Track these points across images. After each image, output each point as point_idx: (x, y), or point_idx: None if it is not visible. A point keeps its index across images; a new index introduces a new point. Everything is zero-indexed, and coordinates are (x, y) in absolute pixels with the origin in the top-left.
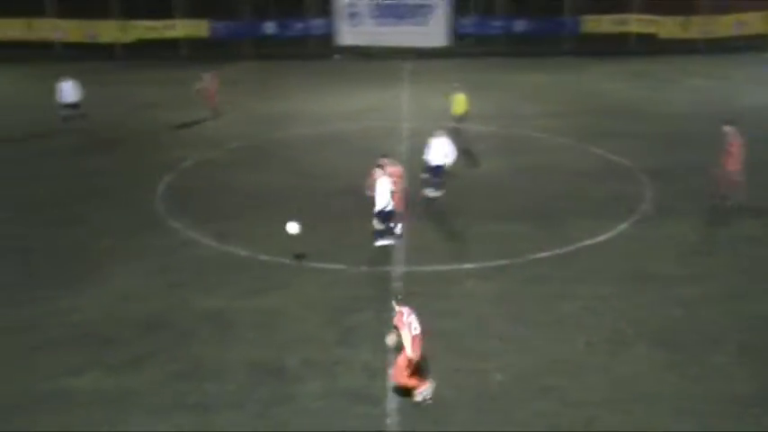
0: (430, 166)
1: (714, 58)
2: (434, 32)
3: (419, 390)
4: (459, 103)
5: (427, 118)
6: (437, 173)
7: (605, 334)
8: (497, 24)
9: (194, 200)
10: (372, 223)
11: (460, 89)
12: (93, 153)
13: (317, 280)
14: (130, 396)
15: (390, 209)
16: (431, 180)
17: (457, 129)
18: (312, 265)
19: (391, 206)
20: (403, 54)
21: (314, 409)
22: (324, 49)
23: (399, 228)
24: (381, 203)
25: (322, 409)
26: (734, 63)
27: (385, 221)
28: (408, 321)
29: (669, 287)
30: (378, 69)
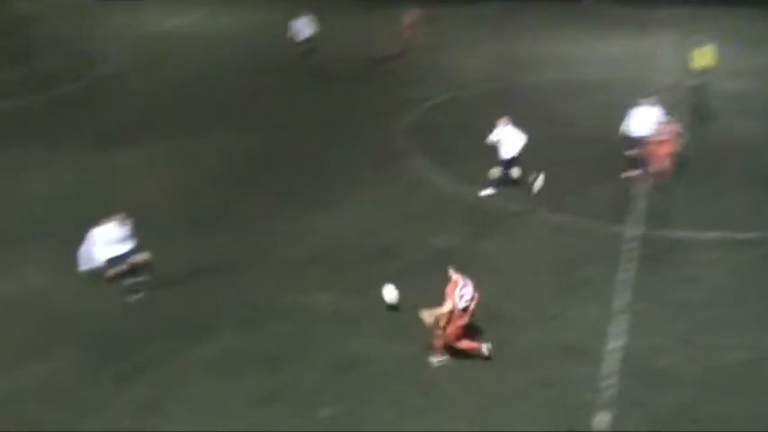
0: (630, 138)
1: None
2: None
3: (436, 357)
4: (703, 57)
5: (682, 72)
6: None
7: None
8: None
9: (435, 139)
10: (492, 171)
11: (707, 40)
12: (337, 87)
13: (548, 230)
14: (362, 318)
15: (511, 158)
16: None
17: (700, 85)
18: (545, 215)
19: (513, 155)
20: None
21: (527, 359)
22: None
23: (540, 179)
24: (507, 152)
25: (536, 360)
26: None
27: (505, 170)
28: (460, 294)
29: None
30: (630, 16)
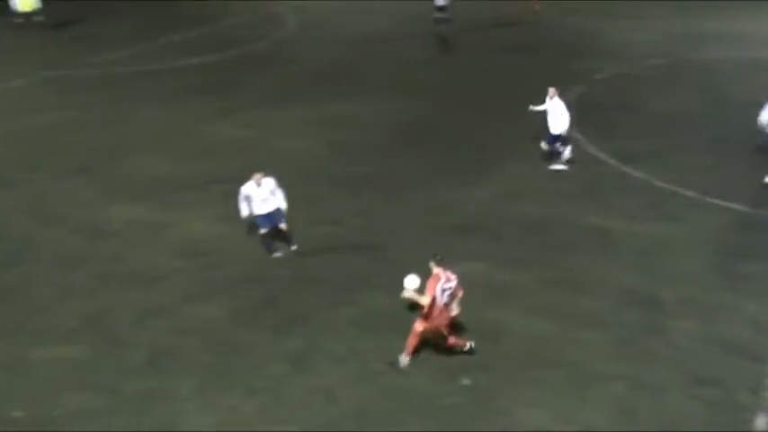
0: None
1: None
2: None
3: (405, 357)
4: None
5: None
6: None
7: None
8: None
9: (600, 114)
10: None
11: None
12: (501, 57)
13: (713, 217)
14: (510, 290)
15: (559, 133)
16: None
17: None
18: (710, 201)
19: (559, 132)
20: None
21: (684, 348)
22: None
23: (568, 151)
24: (553, 127)
25: (692, 351)
26: None
27: (550, 144)
28: (442, 288)
29: None
30: None
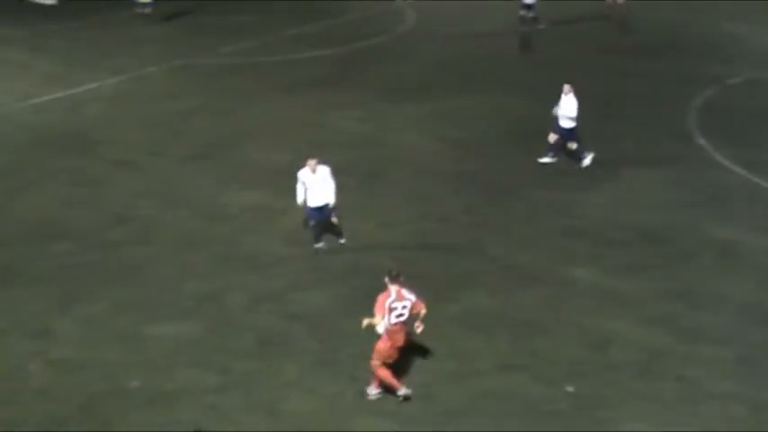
0: None
1: None
2: None
3: (395, 387)
4: None
5: None
6: None
7: None
8: None
9: (730, 120)
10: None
11: None
12: (629, 57)
13: None
14: (621, 299)
15: (569, 128)
16: None
17: None
18: None
19: (570, 126)
20: None
21: None
22: None
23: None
24: (565, 123)
25: None
26: None
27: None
28: (392, 306)
29: None
30: None
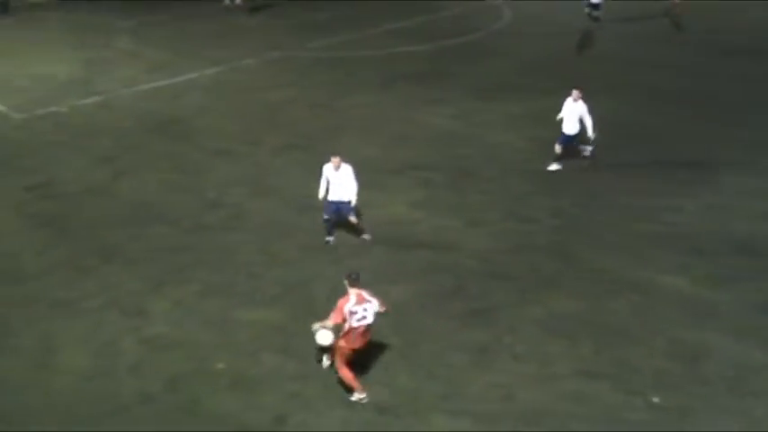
0: None
1: None
2: None
3: (353, 389)
4: None
5: None
6: None
7: None
8: None
9: None
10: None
11: None
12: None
13: None
14: (712, 310)
15: (573, 134)
16: None
17: None
18: None
19: (574, 132)
20: None
21: None
22: None
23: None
24: (569, 129)
25: None
26: None
27: (563, 145)
28: (352, 310)
29: None
30: None
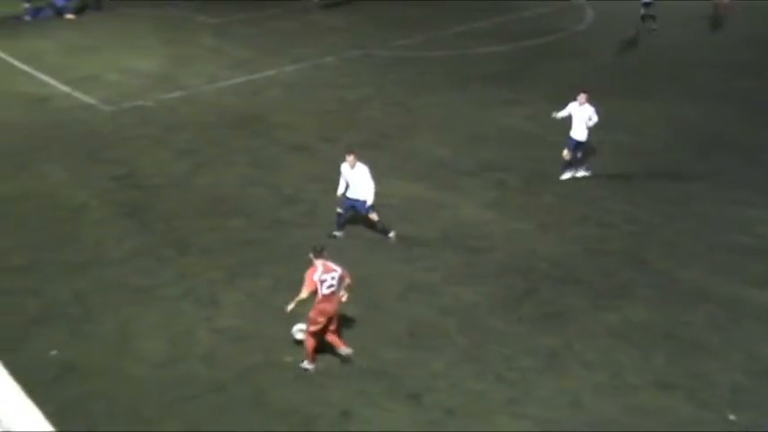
0: None
1: None
2: None
3: (309, 358)
4: None
5: None
6: None
7: None
8: None
9: None
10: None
11: None
12: None
13: None
14: None
15: (582, 140)
16: None
17: None
18: None
19: (582, 138)
20: None
21: None
22: None
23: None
24: (578, 134)
25: None
26: None
27: (573, 151)
28: (321, 279)
29: None
30: None
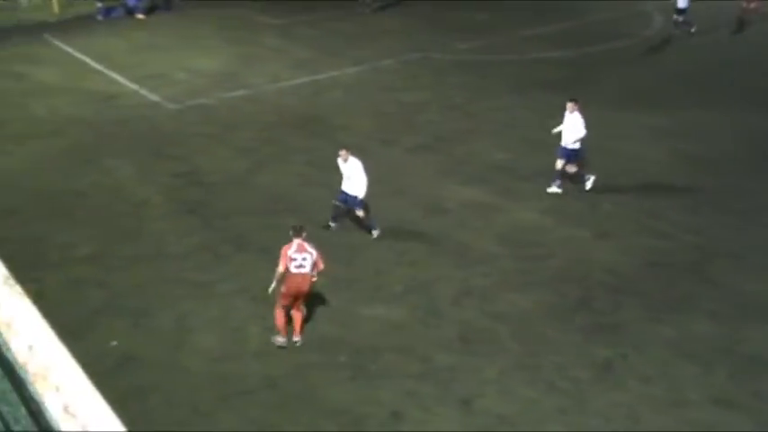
0: None
1: None
2: None
3: (278, 333)
4: None
5: None
6: None
7: None
8: None
9: None
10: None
11: None
12: None
13: None
14: None
15: (577, 148)
16: None
17: None
18: None
19: (574, 147)
20: None
21: None
22: None
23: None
24: (567, 142)
25: None
26: None
27: (568, 161)
28: (292, 256)
29: None
30: None
